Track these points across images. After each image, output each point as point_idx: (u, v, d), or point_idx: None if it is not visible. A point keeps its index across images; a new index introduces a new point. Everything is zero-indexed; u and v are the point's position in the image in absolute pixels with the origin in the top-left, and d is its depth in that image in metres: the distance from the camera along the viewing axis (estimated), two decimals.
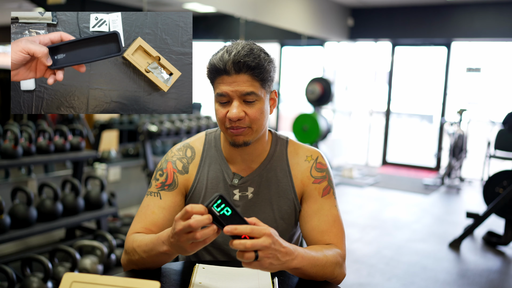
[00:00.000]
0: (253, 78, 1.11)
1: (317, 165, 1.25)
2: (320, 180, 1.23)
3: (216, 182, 1.24)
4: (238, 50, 1.10)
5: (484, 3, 6.26)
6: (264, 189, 1.23)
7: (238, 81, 1.10)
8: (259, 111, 1.14)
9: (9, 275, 2.14)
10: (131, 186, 4.22)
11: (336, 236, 1.18)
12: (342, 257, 1.15)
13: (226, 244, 1.24)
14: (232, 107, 1.12)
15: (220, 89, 1.12)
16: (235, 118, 1.11)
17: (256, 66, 1.10)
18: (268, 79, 1.15)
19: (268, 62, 1.14)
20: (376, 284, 3.07)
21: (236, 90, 1.11)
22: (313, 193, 1.22)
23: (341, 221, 1.22)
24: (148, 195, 1.22)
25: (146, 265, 1.10)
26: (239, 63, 1.09)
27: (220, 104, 1.14)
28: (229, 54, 1.10)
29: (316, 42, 7.12)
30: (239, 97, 1.12)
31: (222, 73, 1.11)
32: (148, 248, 1.06)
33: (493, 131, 5.80)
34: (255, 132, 1.16)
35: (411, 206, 5.17)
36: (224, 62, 1.10)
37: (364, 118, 8.71)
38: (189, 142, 1.29)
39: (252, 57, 1.10)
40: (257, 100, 1.13)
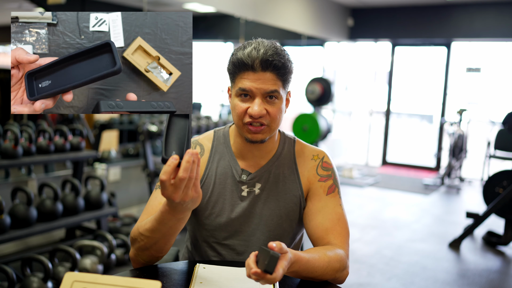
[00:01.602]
0: (277, 78, 1.14)
1: (323, 164, 1.27)
2: (326, 178, 1.25)
3: (224, 177, 1.25)
4: (266, 49, 1.13)
5: (484, 3, 6.27)
6: (272, 186, 1.25)
7: (263, 79, 1.13)
8: (279, 110, 1.16)
9: (9, 275, 2.14)
10: (131, 186, 4.22)
11: (340, 235, 1.18)
12: (345, 258, 1.14)
13: (229, 240, 1.25)
14: (254, 104, 1.14)
15: (243, 84, 1.14)
16: (257, 115, 1.13)
17: (282, 66, 1.14)
18: (289, 79, 1.19)
19: (291, 64, 1.18)
20: (376, 284, 3.07)
21: (260, 87, 1.13)
22: (318, 191, 1.23)
23: (345, 220, 1.22)
24: (156, 188, 1.23)
25: (155, 246, 1.07)
26: (267, 62, 1.12)
27: (240, 99, 1.16)
28: (258, 51, 1.12)
29: (316, 42, 7.12)
30: (262, 94, 1.14)
31: (248, 69, 1.13)
32: (150, 220, 1.05)
33: (493, 131, 5.80)
34: (272, 130, 1.18)
35: (411, 206, 5.17)
36: (252, 59, 1.12)
37: (364, 118, 8.71)
38: (197, 139, 1.31)
39: (279, 57, 1.13)
40: (278, 99, 1.16)
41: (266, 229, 1.23)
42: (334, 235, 1.18)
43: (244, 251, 1.25)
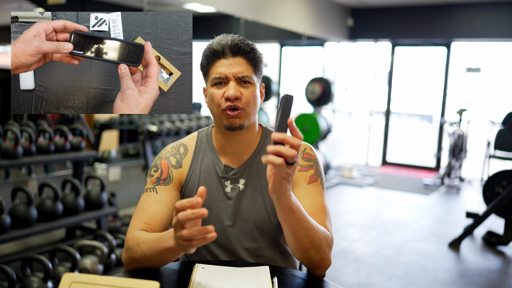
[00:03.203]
0: (248, 62, 1.20)
1: (304, 155, 1.28)
2: (307, 168, 1.26)
3: (209, 175, 1.27)
4: (233, 37, 1.21)
5: (484, 3, 6.27)
6: (255, 180, 1.26)
7: (235, 64, 1.19)
8: (252, 94, 1.21)
9: (9, 275, 2.14)
10: (131, 186, 4.22)
11: (322, 221, 1.19)
12: (330, 238, 1.15)
13: (227, 243, 1.25)
14: (229, 88, 1.18)
15: (217, 72, 1.19)
16: (232, 97, 1.17)
17: (250, 51, 1.20)
18: (259, 67, 1.24)
19: (259, 53, 1.24)
20: (376, 284, 3.07)
21: (233, 71, 1.18)
22: (299, 180, 1.25)
23: (327, 210, 1.22)
24: (145, 192, 1.24)
25: (148, 263, 1.09)
26: (236, 46, 1.19)
27: (216, 87, 1.20)
28: (226, 39, 1.20)
29: (316, 42, 7.12)
30: (235, 78, 1.19)
31: (219, 56, 1.19)
32: (154, 243, 1.05)
33: (493, 131, 5.80)
34: (248, 115, 1.21)
35: (411, 206, 5.17)
36: (222, 46, 1.19)
37: (364, 118, 8.71)
38: (181, 141, 1.34)
39: (247, 43, 1.21)
40: (251, 83, 1.21)
41: (253, 224, 1.25)
42: (317, 221, 1.17)
43: (235, 249, 1.25)
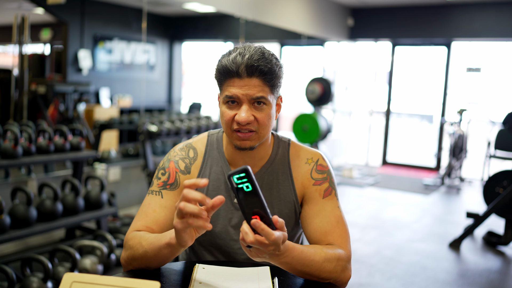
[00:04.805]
0: (264, 83, 1.11)
1: (318, 167, 1.24)
2: (321, 182, 1.22)
3: (218, 184, 1.23)
4: (251, 54, 1.09)
5: (484, 3, 6.26)
6: (265, 193, 1.22)
7: (249, 85, 1.10)
8: (267, 116, 1.13)
9: (9, 275, 2.14)
10: (131, 186, 4.22)
11: (340, 237, 1.16)
12: (346, 258, 1.12)
13: (227, 245, 1.24)
14: (241, 111, 1.11)
15: (229, 91, 1.11)
16: (244, 122, 1.10)
17: (268, 72, 1.10)
18: (277, 84, 1.15)
19: (279, 68, 1.14)
20: (376, 284, 3.07)
21: (247, 93, 1.10)
22: (314, 195, 1.21)
23: (344, 222, 1.20)
24: (150, 193, 1.21)
25: (148, 261, 1.08)
26: (252, 67, 1.08)
27: (227, 106, 1.13)
28: (242, 57, 1.09)
29: (316, 42, 7.12)
30: (248, 101, 1.11)
31: (233, 75, 1.10)
32: (156, 239, 1.05)
33: (493, 131, 5.79)
34: (261, 137, 1.15)
35: (411, 206, 5.17)
36: (237, 65, 1.09)
37: (364, 118, 8.71)
38: (191, 143, 1.29)
39: (265, 62, 1.09)
40: (266, 105, 1.12)
41: None
42: (334, 237, 1.16)
43: (239, 259, 1.24)
